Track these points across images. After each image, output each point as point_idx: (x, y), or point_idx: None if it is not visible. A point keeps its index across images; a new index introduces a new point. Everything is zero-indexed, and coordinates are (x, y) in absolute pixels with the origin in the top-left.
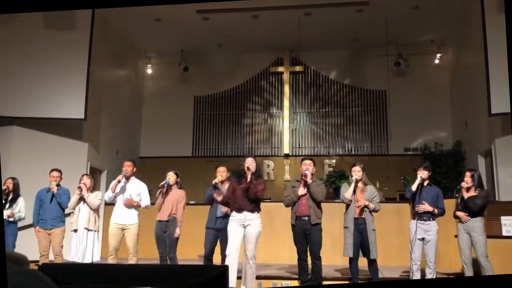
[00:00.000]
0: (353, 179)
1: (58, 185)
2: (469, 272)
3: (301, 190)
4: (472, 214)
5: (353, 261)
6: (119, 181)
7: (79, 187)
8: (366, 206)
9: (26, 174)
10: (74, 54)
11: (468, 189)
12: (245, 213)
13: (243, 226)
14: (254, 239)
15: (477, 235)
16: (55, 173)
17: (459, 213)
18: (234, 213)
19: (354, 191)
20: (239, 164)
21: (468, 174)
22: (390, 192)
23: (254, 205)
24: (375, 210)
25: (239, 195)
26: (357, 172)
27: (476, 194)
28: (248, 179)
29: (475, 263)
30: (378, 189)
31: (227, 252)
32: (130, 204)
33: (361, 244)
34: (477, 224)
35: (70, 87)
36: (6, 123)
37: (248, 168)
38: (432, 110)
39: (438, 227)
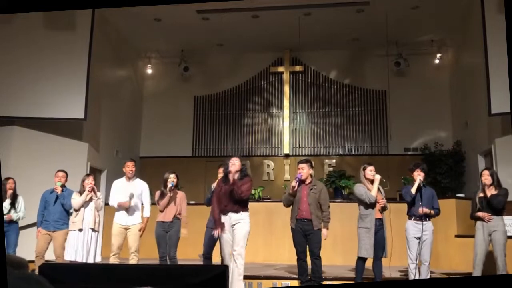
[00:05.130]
0: (377, 179)
1: (63, 186)
2: (477, 274)
3: (294, 183)
4: (496, 212)
5: (365, 261)
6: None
7: (92, 189)
8: (384, 207)
9: (26, 174)
10: (74, 54)
11: (487, 188)
12: (230, 214)
13: (231, 227)
14: (242, 239)
15: (499, 233)
16: (60, 174)
17: (481, 214)
18: (221, 216)
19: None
20: (225, 164)
21: (487, 172)
22: (390, 192)
23: (239, 205)
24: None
25: (224, 196)
26: (374, 171)
27: (497, 192)
28: (231, 181)
29: (487, 262)
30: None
31: (222, 255)
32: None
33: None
34: (500, 222)
35: (70, 87)
36: (6, 123)
37: (229, 171)
38: (432, 110)
39: (438, 227)
